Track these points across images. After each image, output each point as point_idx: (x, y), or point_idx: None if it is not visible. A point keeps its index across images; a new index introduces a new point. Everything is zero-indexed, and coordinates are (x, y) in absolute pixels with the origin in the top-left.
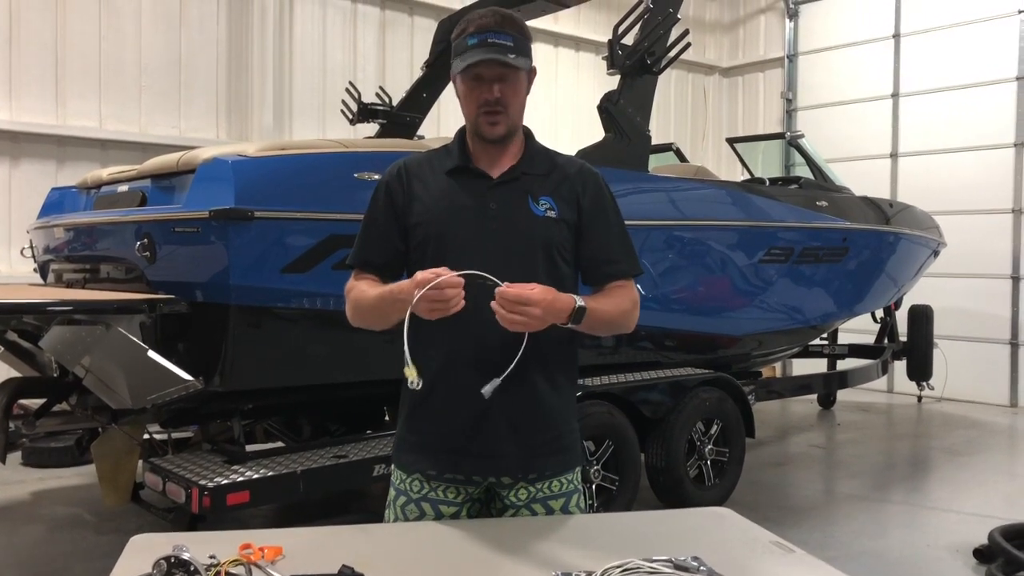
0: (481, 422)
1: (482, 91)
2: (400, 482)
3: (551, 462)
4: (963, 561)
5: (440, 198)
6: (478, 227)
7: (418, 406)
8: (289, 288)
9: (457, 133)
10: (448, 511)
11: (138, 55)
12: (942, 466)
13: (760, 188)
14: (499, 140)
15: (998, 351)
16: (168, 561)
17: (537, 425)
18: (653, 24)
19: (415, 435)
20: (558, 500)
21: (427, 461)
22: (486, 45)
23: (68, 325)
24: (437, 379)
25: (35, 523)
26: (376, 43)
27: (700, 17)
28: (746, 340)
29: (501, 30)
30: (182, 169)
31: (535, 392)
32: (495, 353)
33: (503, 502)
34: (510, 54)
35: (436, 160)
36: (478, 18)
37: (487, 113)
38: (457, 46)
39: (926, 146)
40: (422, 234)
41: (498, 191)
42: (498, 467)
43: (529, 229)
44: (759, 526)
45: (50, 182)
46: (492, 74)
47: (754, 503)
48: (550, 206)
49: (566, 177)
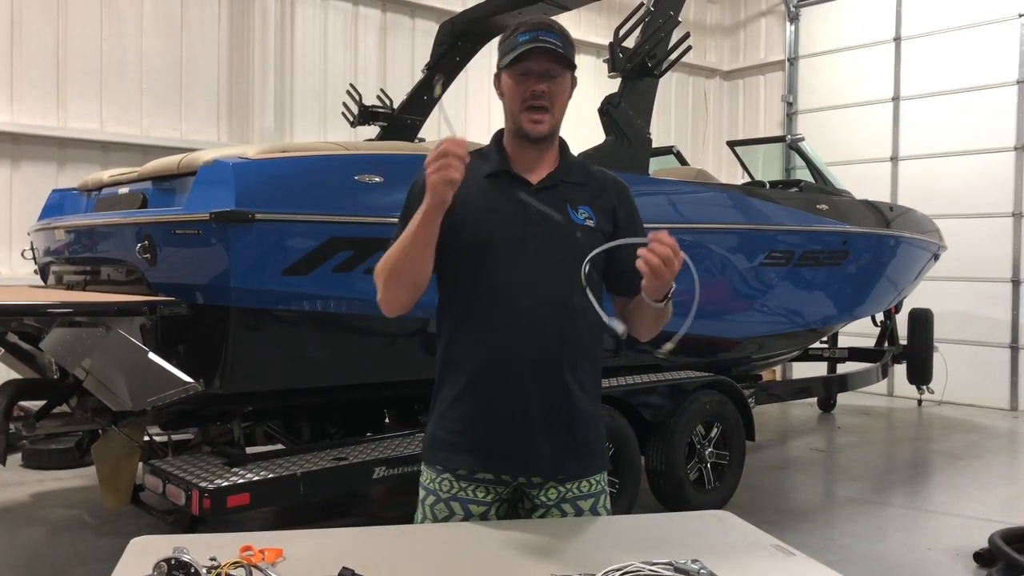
0: (517, 423)
1: (529, 84)
2: (430, 482)
3: (582, 464)
4: (963, 565)
5: (481, 202)
6: (519, 232)
7: (453, 406)
8: (290, 290)
9: (494, 137)
10: (478, 510)
11: (139, 57)
12: (942, 470)
13: (760, 191)
14: (540, 140)
15: (998, 355)
16: (168, 563)
17: (571, 428)
18: (654, 27)
19: (448, 434)
20: (587, 500)
21: (458, 460)
22: (538, 41)
23: (69, 327)
24: (475, 379)
25: (35, 525)
26: (377, 45)
27: (701, 20)
28: (746, 343)
29: (551, 31)
30: (183, 171)
31: (570, 395)
32: (533, 352)
33: (532, 502)
34: (559, 50)
35: (473, 164)
36: (529, 20)
37: (531, 109)
38: (507, 44)
39: (927, 150)
40: (463, 236)
41: (538, 197)
42: (530, 468)
43: (570, 236)
44: (759, 529)
45: (51, 184)
46: (541, 68)
47: (754, 506)
48: (588, 215)
49: (603, 188)
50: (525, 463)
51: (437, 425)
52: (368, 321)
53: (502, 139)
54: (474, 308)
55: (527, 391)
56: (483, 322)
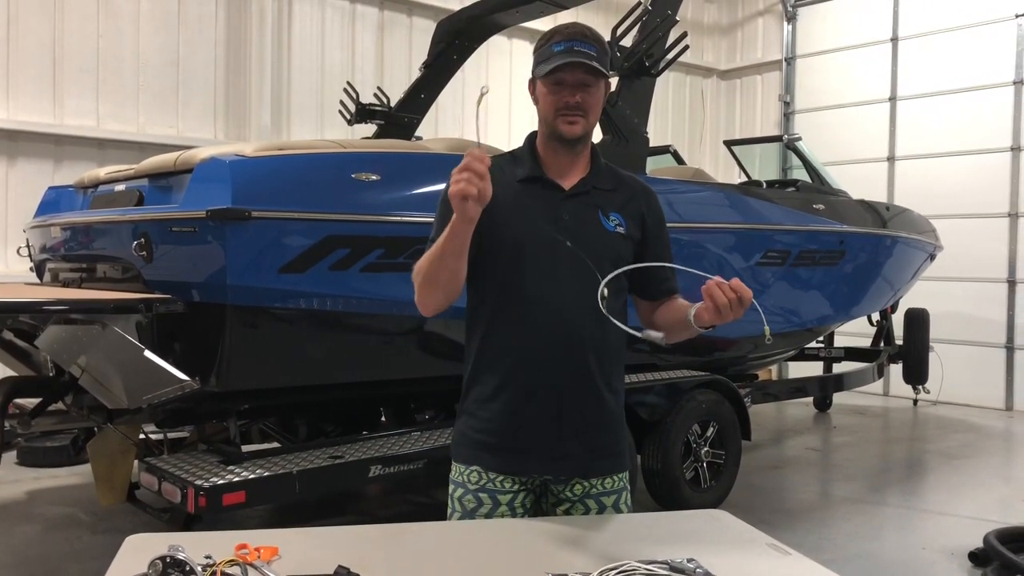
0: (545, 424)
1: (563, 95)
2: (458, 475)
3: (607, 464)
4: (958, 564)
5: (514, 206)
6: (550, 237)
7: (483, 405)
8: (286, 288)
9: (527, 140)
10: (504, 499)
11: (136, 54)
12: (937, 469)
13: (757, 191)
14: (575, 141)
15: (994, 355)
16: (164, 561)
17: (599, 429)
18: (651, 26)
19: (477, 433)
20: (610, 497)
21: (488, 459)
22: (572, 52)
23: (64, 324)
24: (505, 380)
25: (30, 523)
26: (374, 44)
27: (698, 19)
28: (742, 343)
29: (585, 40)
30: (179, 169)
31: (600, 396)
32: (563, 354)
33: (556, 496)
34: (594, 61)
35: (506, 167)
36: (564, 28)
37: (566, 114)
38: (541, 53)
39: (923, 150)
40: (495, 240)
41: (570, 203)
42: (558, 467)
43: (600, 242)
44: (755, 528)
45: (47, 181)
46: (574, 79)
47: (750, 505)
48: (619, 222)
49: (633, 195)
50: (553, 463)
51: (467, 424)
52: (365, 319)
53: (535, 141)
54: (505, 310)
55: (557, 393)
56: (514, 324)
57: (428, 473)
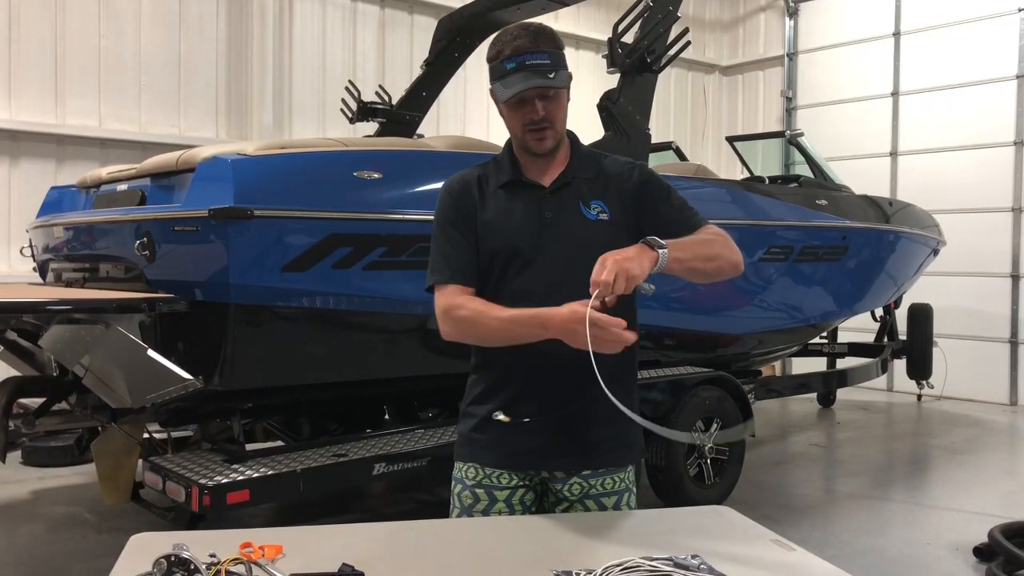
0: (541, 422)
1: (526, 112)
2: (458, 471)
3: (605, 459)
4: (963, 559)
5: (499, 212)
6: (537, 238)
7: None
8: (289, 287)
9: (506, 146)
10: (502, 495)
11: (138, 54)
12: (942, 465)
13: (760, 187)
14: (547, 153)
15: (998, 349)
16: (168, 560)
17: (599, 423)
18: (653, 22)
19: (476, 432)
20: (611, 498)
21: (484, 456)
22: (525, 68)
23: (68, 324)
24: (501, 379)
25: (35, 522)
26: (376, 42)
27: (700, 15)
28: (746, 339)
29: (537, 49)
30: (181, 168)
31: (598, 390)
32: (557, 345)
33: (556, 495)
34: (549, 73)
35: (489, 174)
36: (512, 40)
37: (533, 131)
38: (495, 69)
39: (926, 144)
40: (486, 246)
41: (552, 200)
42: (555, 463)
43: (582, 234)
44: (759, 525)
45: (49, 181)
46: (533, 94)
47: (754, 502)
48: (601, 209)
49: (611, 177)
50: (548, 460)
51: (466, 424)
52: (367, 317)
53: (513, 148)
54: None
55: (553, 388)
56: None
57: (432, 470)
